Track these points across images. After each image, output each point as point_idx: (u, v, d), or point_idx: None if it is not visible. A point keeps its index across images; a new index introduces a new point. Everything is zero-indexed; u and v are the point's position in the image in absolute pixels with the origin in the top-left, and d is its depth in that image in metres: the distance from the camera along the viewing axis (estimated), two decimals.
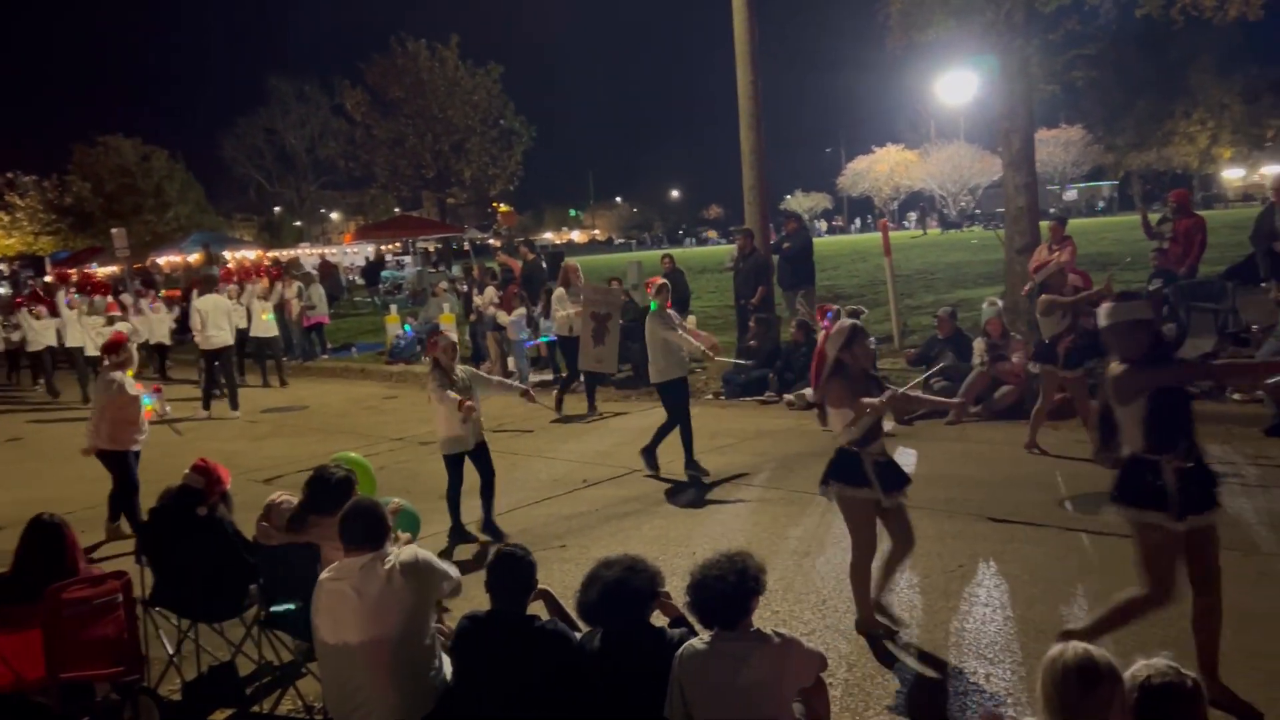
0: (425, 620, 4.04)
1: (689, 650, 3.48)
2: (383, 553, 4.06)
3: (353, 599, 3.91)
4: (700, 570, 3.55)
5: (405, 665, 3.96)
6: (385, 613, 3.88)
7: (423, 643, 4.05)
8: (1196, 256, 11.64)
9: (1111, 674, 2.59)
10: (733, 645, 3.41)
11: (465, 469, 7.51)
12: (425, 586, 4.01)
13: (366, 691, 3.93)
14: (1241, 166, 62.27)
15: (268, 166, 68.76)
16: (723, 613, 3.48)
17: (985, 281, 20.25)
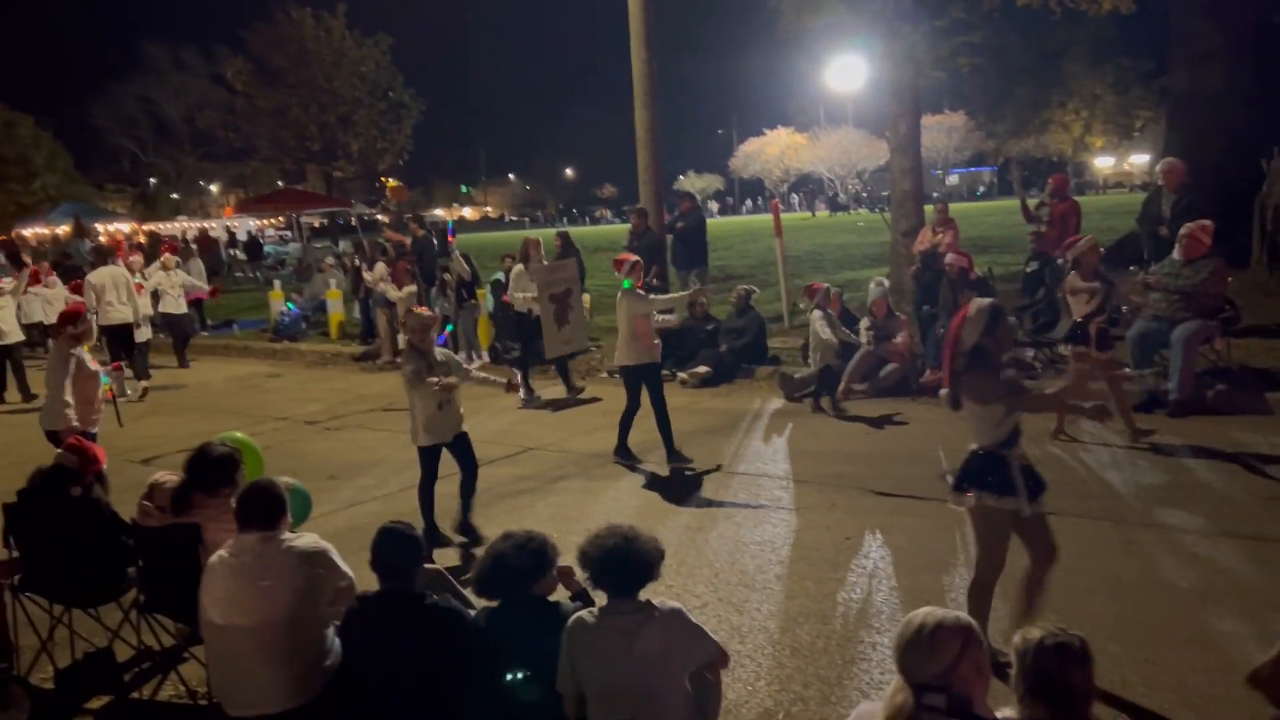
0: (318, 606, 3.96)
1: (578, 623, 3.48)
2: (278, 534, 3.96)
3: (246, 580, 3.82)
4: (590, 542, 3.55)
5: (296, 649, 3.88)
6: (278, 595, 3.79)
7: (314, 628, 3.97)
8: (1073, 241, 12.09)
9: (958, 631, 2.70)
10: (622, 619, 3.42)
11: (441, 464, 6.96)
12: (320, 575, 3.93)
13: (256, 675, 3.84)
14: (1112, 155, 65.07)
15: (143, 136, 65.90)
16: (619, 581, 3.48)
17: (872, 263, 20.74)
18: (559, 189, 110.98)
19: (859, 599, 5.39)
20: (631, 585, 3.48)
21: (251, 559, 3.86)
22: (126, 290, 13.51)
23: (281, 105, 43.58)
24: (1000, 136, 56.26)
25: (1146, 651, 4.53)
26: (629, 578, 3.48)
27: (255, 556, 3.87)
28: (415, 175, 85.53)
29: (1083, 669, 2.73)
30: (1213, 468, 7.21)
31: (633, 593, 3.47)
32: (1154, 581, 5.33)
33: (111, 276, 13.46)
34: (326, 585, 3.98)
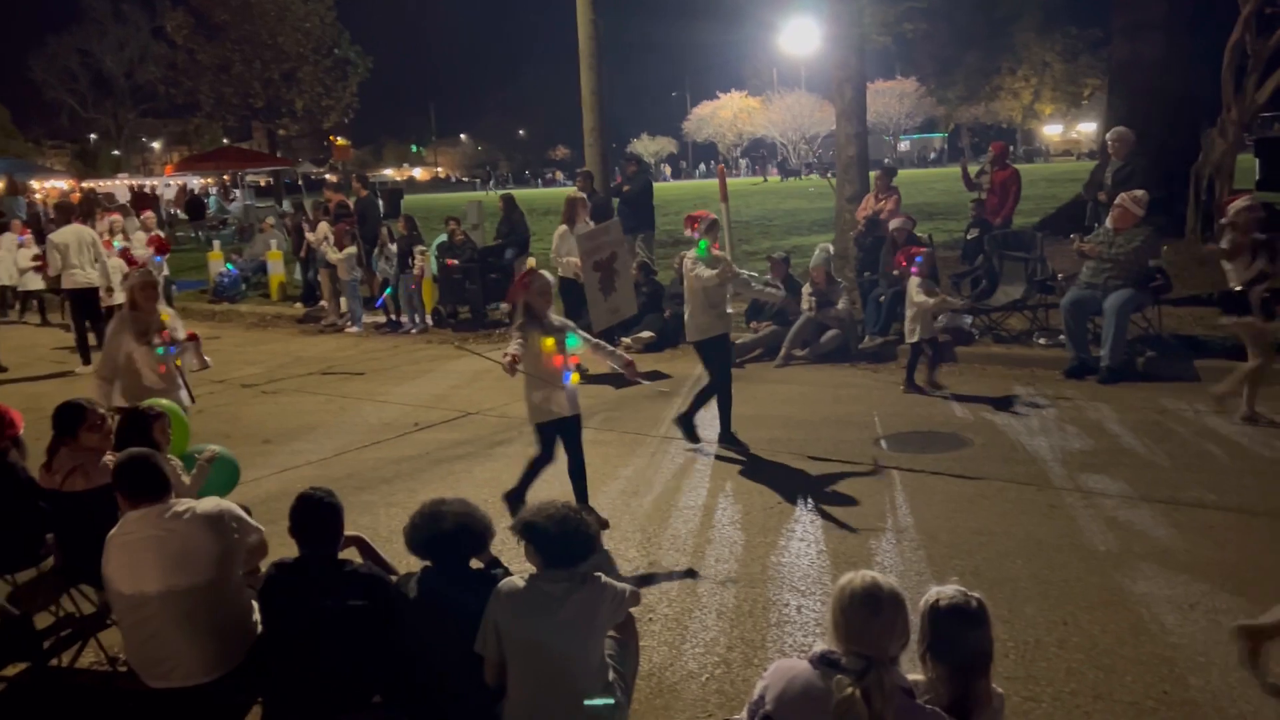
0: (231, 569, 3.91)
1: (506, 588, 3.48)
2: (170, 502, 3.87)
3: (151, 550, 3.74)
4: (538, 513, 3.54)
5: (211, 616, 3.82)
6: (186, 562, 3.73)
7: (229, 593, 3.92)
8: (1011, 207, 12.24)
9: (895, 600, 2.73)
10: (549, 585, 3.43)
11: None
12: (227, 535, 3.87)
13: (171, 644, 3.78)
14: (1060, 123, 65.78)
15: (82, 91, 64.13)
16: (568, 555, 3.49)
17: (820, 229, 20.83)
18: (511, 150, 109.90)
19: (787, 563, 5.45)
20: (571, 561, 3.50)
21: (154, 530, 3.77)
22: (93, 252, 12.60)
23: (224, 60, 42.48)
24: (951, 103, 56.61)
25: (1061, 613, 4.64)
26: (570, 554, 3.49)
27: (158, 527, 3.77)
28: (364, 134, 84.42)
29: (978, 630, 2.78)
30: (1139, 434, 7.36)
31: (570, 567, 3.49)
32: (1073, 545, 5.44)
33: (77, 236, 12.52)
34: (240, 545, 3.93)
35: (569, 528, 3.48)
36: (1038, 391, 8.70)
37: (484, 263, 13.97)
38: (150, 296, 6.62)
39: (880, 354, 10.35)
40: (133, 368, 6.49)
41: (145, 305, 6.60)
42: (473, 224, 16.20)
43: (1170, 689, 3.98)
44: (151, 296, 6.65)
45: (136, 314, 6.58)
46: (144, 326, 6.52)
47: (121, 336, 6.50)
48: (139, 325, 6.51)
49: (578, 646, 3.40)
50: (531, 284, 5.97)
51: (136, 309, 6.60)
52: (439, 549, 3.71)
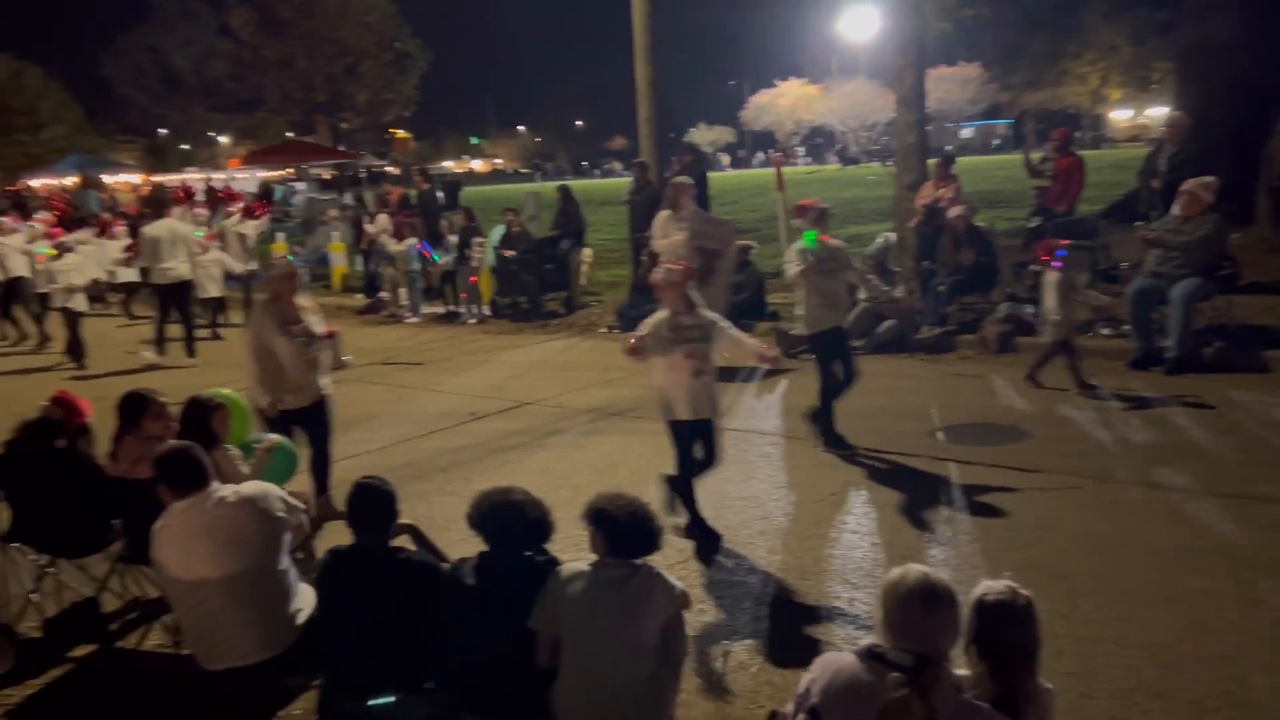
0: (278, 551, 3.99)
1: (569, 570, 3.55)
2: (212, 489, 3.96)
3: (201, 537, 3.83)
4: (611, 501, 3.60)
5: (263, 597, 3.92)
6: (237, 545, 3.82)
7: (278, 574, 4.01)
8: (1074, 195, 11.98)
9: (949, 596, 2.70)
10: (613, 570, 3.50)
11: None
12: (272, 518, 3.95)
13: (228, 627, 3.88)
14: (1129, 107, 64.14)
15: (151, 87, 65.53)
16: (636, 548, 3.56)
17: (879, 217, 20.56)
18: (569, 141, 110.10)
19: (839, 555, 5.42)
20: (633, 552, 3.56)
21: (201, 517, 3.86)
22: (185, 245, 12.37)
23: (288, 56, 43.32)
24: (1015, 89, 55.52)
25: (1119, 609, 4.55)
26: (635, 545, 3.57)
27: (204, 514, 3.86)
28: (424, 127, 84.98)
29: (1025, 627, 2.74)
30: (1205, 426, 7.19)
31: (630, 558, 3.53)
32: (1134, 540, 5.33)
33: (170, 230, 12.20)
34: (285, 525, 4.01)
35: (640, 520, 3.57)
36: (1101, 383, 8.52)
37: (540, 254, 14.05)
38: (291, 288, 6.24)
39: (938, 344, 10.21)
40: (274, 363, 6.14)
41: (287, 296, 6.23)
42: (530, 215, 16.29)
43: (1233, 688, 3.89)
44: (293, 288, 6.25)
45: (278, 305, 6.21)
46: (286, 318, 6.16)
47: (264, 328, 6.15)
48: (281, 317, 6.14)
49: (629, 633, 3.45)
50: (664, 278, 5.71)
51: (278, 300, 6.23)
52: (506, 537, 3.76)
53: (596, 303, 14.32)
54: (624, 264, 16.45)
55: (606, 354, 11.42)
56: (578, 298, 14.26)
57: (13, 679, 4.52)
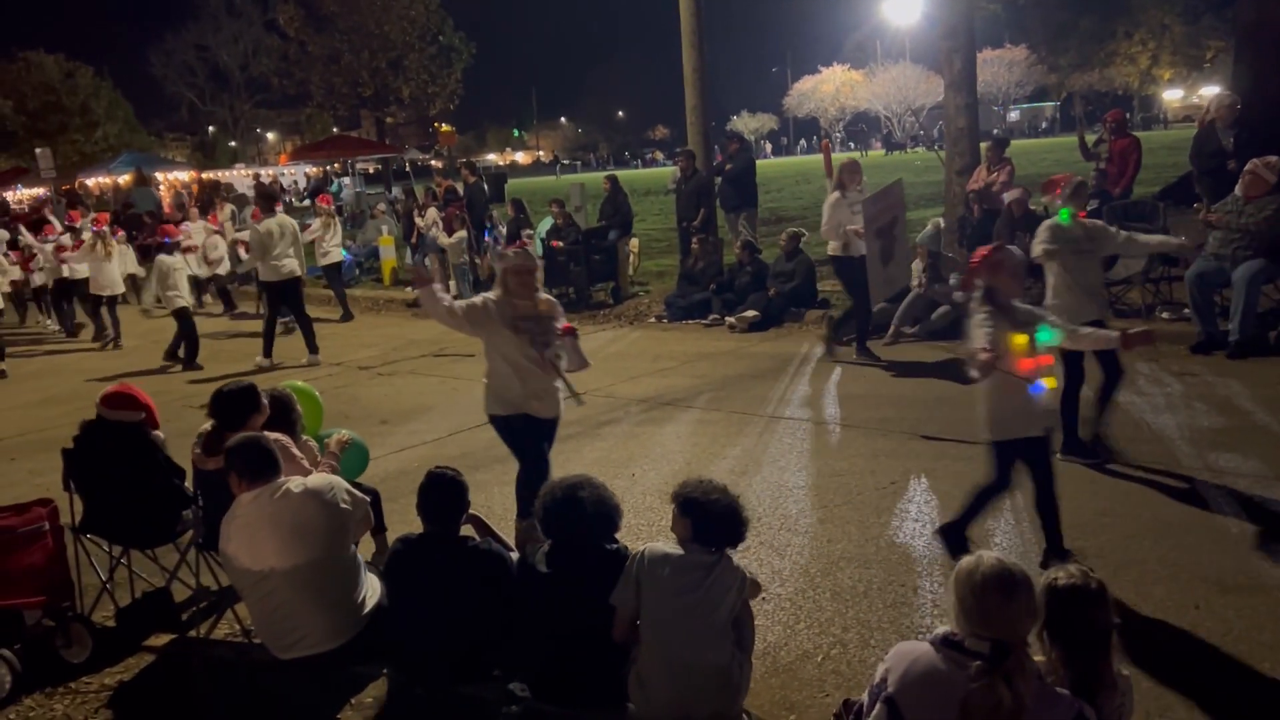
0: (345, 541, 4.05)
1: (655, 552, 3.58)
2: (280, 480, 4.03)
3: (267, 527, 3.90)
4: (701, 490, 3.62)
5: (331, 586, 3.99)
6: (304, 536, 3.88)
7: (345, 563, 4.07)
8: (1131, 177, 11.77)
9: (1026, 582, 2.68)
10: (698, 556, 3.53)
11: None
12: (337, 507, 4.00)
13: (298, 616, 3.95)
14: (1181, 87, 62.84)
15: (200, 84, 66.68)
16: (723, 538, 3.59)
17: (926, 203, 20.36)
18: (611, 131, 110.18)
19: (901, 543, 5.39)
20: (724, 542, 3.59)
21: (268, 509, 3.92)
22: (295, 239, 11.82)
23: (334, 51, 43.68)
24: (1063, 70, 54.63)
25: (1193, 596, 4.48)
26: (720, 535, 3.58)
27: (271, 505, 3.93)
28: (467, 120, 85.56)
29: (1098, 611, 2.72)
30: (1272, 410, 7.05)
31: (713, 546, 3.56)
32: (1204, 526, 5.24)
33: (280, 225, 11.59)
34: (349, 516, 4.06)
35: (731, 512, 3.58)
36: (1163, 367, 8.38)
37: (588, 244, 14.08)
38: (526, 283, 5.39)
39: (946, 330, 10.06)
40: (503, 364, 5.41)
41: (519, 291, 5.37)
42: (575, 206, 16.32)
43: None
44: (528, 283, 5.40)
45: (509, 300, 5.39)
46: (517, 314, 5.35)
47: (493, 326, 5.37)
48: (512, 312, 5.35)
49: (707, 622, 3.47)
50: (1003, 263, 4.62)
51: (509, 294, 5.40)
52: (575, 532, 3.77)
53: (644, 293, 14.32)
54: (671, 253, 16.45)
55: (656, 343, 11.44)
56: (626, 288, 14.28)
57: (90, 667, 4.63)
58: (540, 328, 5.35)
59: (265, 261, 11.49)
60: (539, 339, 5.33)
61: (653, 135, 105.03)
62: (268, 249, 11.38)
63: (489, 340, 5.42)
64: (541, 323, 5.37)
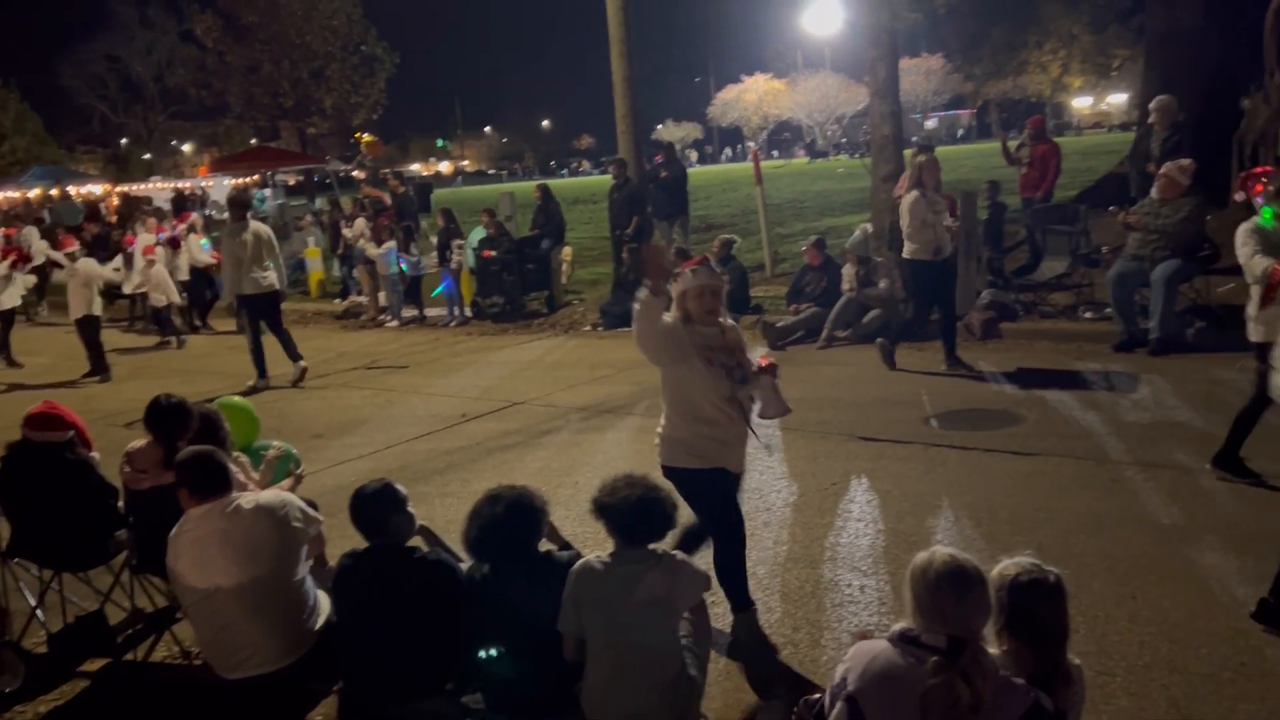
0: (296, 559, 3.96)
1: (586, 567, 3.53)
2: (232, 496, 3.93)
3: (217, 544, 3.80)
4: (612, 492, 3.57)
5: (280, 605, 3.89)
6: (253, 553, 3.79)
7: (295, 581, 3.98)
8: (1052, 181, 12.12)
9: (979, 577, 2.72)
10: (629, 566, 3.49)
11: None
12: (289, 526, 3.92)
13: (244, 634, 3.85)
14: (1090, 95, 64.82)
15: (112, 96, 64.87)
16: (636, 533, 3.53)
17: (852, 210, 20.69)
18: (536, 141, 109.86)
19: (846, 543, 5.45)
20: (648, 537, 3.53)
21: (219, 524, 3.82)
22: (273, 248, 10.94)
23: (253, 61, 42.89)
24: (978, 79, 55.97)
25: (1129, 587, 4.60)
26: (644, 531, 3.54)
27: (222, 521, 3.83)
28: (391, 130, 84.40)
29: (1057, 605, 2.78)
30: (1194, 405, 7.29)
31: (644, 544, 3.51)
32: (1136, 519, 5.40)
33: (255, 234, 10.73)
34: (302, 535, 3.98)
35: (645, 506, 3.50)
36: (1086, 366, 8.62)
37: (520, 253, 14.02)
38: (711, 306, 4.40)
39: (924, 332, 10.27)
40: (690, 404, 4.39)
41: (702, 315, 4.36)
42: (506, 215, 16.23)
43: (1247, 660, 3.94)
44: (713, 306, 4.41)
45: (691, 328, 4.34)
46: (703, 343, 4.32)
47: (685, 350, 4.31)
48: (699, 341, 4.32)
49: (654, 625, 3.44)
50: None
51: (690, 321, 4.36)
52: (494, 544, 3.73)
53: (579, 301, 14.31)
54: (604, 261, 16.47)
55: (593, 351, 11.43)
56: (560, 297, 14.24)
57: (23, 695, 4.46)
58: (732, 360, 4.37)
59: (243, 274, 10.63)
60: (733, 374, 4.35)
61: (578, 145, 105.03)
62: (242, 260, 10.57)
63: (675, 374, 4.37)
64: (733, 354, 4.39)
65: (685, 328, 4.30)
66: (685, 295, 4.38)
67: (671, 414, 4.48)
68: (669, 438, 4.51)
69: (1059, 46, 54.94)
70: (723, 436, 4.40)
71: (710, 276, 4.41)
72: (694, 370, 4.27)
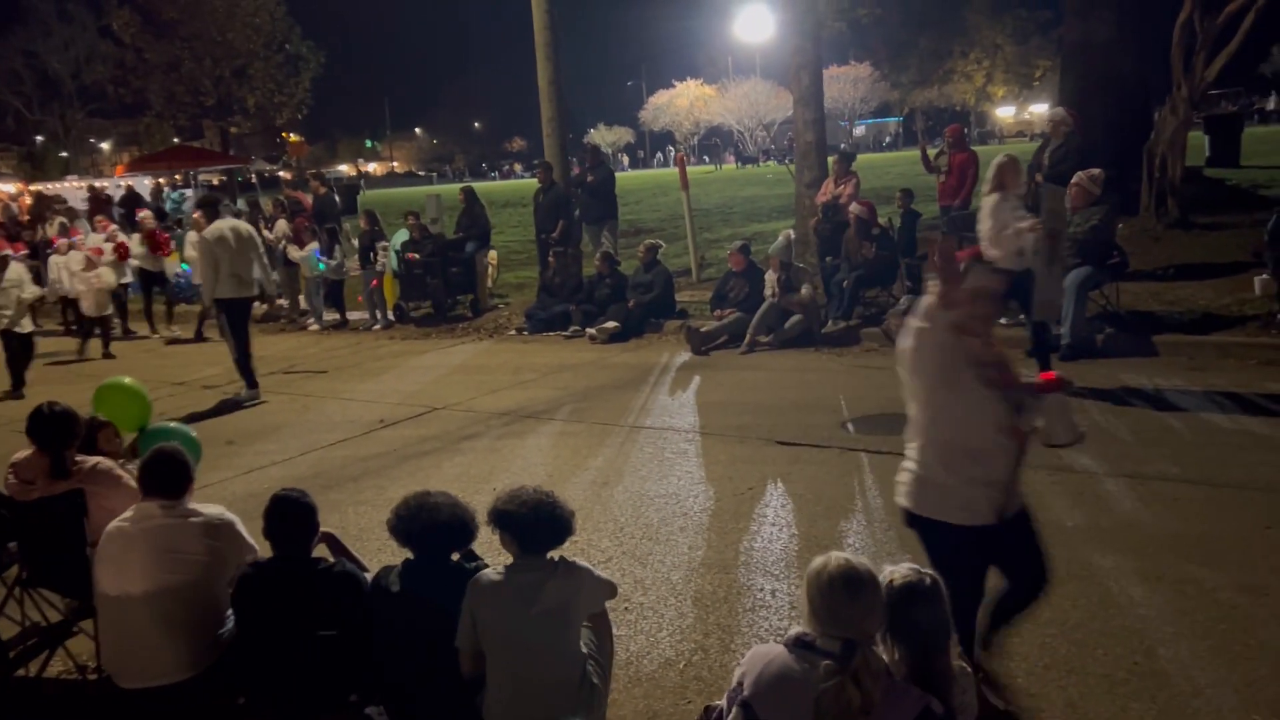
0: (218, 578, 3.88)
1: (483, 580, 3.47)
2: (182, 503, 3.87)
3: (145, 548, 3.72)
4: (511, 500, 3.52)
5: (191, 619, 3.80)
6: (175, 564, 3.71)
7: (212, 597, 3.89)
8: (970, 189, 12.33)
9: (872, 581, 2.75)
10: (526, 575, 3.43)
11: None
12: (223, 548, 3.85)
13: (149, 646, 3.75)
14: (1013, 104, 66.37)
15: (27, 92, 62.87)
16: (545, 538, 3.49)
17: (779, 215, 20.90)
18: (467, 143, 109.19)
19: (760, 548, 5.47)
20: (545, 545, 3.49)
21: (154, 526, 3.77)
22: (255, 246, 10.07)
23: (173, 59, 41.87)
24: (905, 87, 57.10)
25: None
26: (544, 538, 3.49)
27: (158, 524, 3.77)
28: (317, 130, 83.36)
29: (934, 606, 2.82)
30: (1101, 409, 7.47)
31: (544, 553, 3.48)
32: (1041, 520, 5.47)
33: (234, 231, 9.83)
34: (229, 559, 3.90)
35: (543, 513, 3.46)
36: None
37: (445, 257, 13.89)
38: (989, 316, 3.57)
39: (843, 338, 10.41)
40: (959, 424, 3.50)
41: (977, 325, 3.48)
42: (432, 218, 16.09)
43: (1140, 660, 4.04)
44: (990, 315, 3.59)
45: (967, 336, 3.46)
46: (975, 359, 3.45)
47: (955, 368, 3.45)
48: (974, 358, 3.45)
49: (555, 635, 3.40)
50: None
51: (965, 330, 3.44)
52: (429, 540, 3.68)
53: (504, 305, 14.22)
54: (530, 265, 16.39)
55: (517, 355, 11.37)
56: (485, 300, 14.14)
57: None
58: (1006, 377, 3.53)
59: (220, 275, 9.65)
60: (1013, 396, 3.53)
61: (510, 147, 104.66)
62: (219, 260, 9.63)
63: (939, 400, 3.53)
64: (1004, 370, 3.53)
65: (956, 339, 3.45)
66: (970, 297, 3.45)
67: (929, 449, 3.58)
68: (926, 480, 3.59)
69: (983, 56, 56.27)
70: (997, 476, 3.53)
71: (991, 275, 3.63)
72: (967, 393, 3.44)
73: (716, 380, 9.45)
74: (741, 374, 9.64)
